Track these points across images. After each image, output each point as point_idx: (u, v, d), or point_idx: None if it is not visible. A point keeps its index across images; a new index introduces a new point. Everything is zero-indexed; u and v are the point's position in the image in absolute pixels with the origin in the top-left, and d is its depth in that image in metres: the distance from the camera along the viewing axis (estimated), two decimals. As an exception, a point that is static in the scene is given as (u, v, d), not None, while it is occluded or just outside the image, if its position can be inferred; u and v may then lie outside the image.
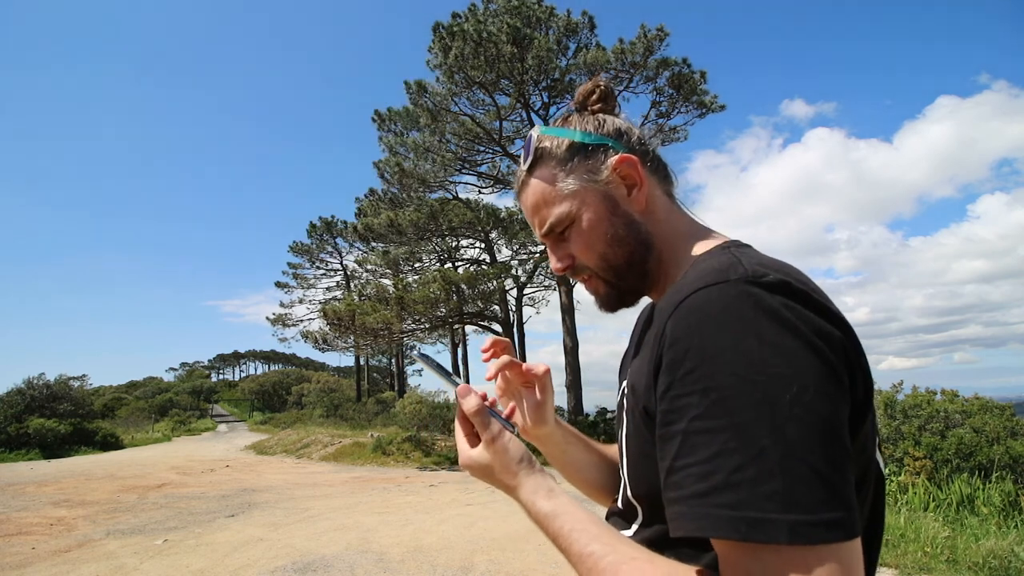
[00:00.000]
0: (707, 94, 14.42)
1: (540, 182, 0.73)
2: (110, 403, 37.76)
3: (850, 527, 0.46)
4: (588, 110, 0.77)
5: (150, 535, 6.23)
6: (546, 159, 0.73)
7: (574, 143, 0.72)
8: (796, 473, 0.46)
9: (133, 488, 10.11)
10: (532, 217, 0.76)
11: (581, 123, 0.74)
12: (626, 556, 0.55)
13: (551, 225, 0.73)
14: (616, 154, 0.71)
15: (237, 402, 51.28)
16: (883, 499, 0.64)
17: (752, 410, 0.48)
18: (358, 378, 34.50)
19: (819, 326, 0.52)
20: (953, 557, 4.24)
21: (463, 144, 15.82)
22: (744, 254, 0.61)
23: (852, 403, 0.53)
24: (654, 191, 0.73)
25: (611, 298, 0.75)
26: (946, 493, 6.09)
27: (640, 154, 0.73)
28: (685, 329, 0.54)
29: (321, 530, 6.26)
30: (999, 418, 7.30)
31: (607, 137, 0.73)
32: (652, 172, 0.74)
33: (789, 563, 0.45)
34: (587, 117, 0.76)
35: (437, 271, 16.25)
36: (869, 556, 0.60)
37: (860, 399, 0.54)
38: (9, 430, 19.30)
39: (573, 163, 0.72)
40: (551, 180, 0.73)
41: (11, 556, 5.42)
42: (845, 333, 0.54)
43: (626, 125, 0.76)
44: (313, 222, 32.06)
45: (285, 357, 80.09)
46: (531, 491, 0.64)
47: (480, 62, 12.90)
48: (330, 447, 16.55)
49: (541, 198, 0.73)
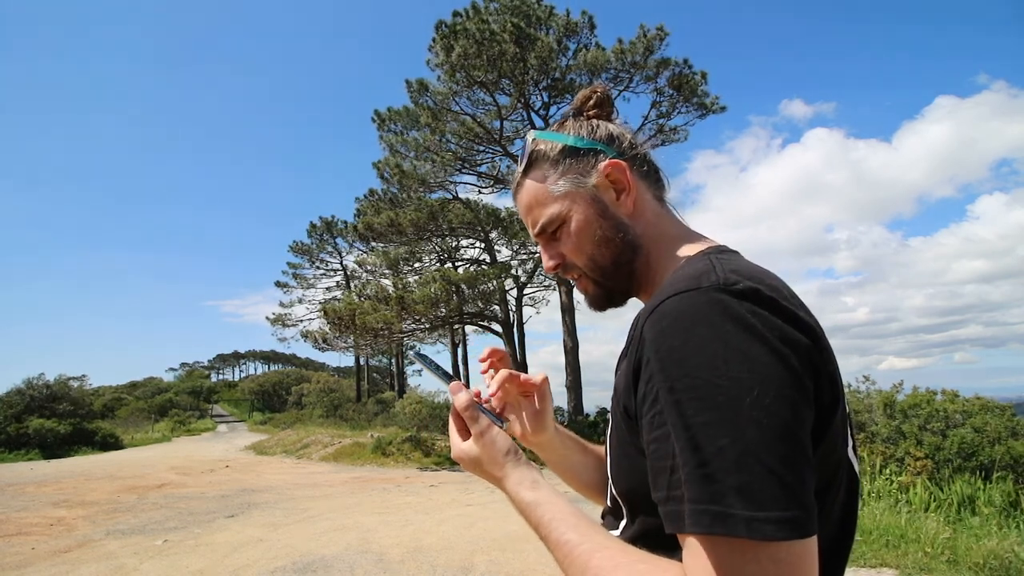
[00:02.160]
0: (707, 95, 14.42)
1: (533, 183, 0.76)
2: (110, 403, 37.76)
3: (804, 526, 0.47)
4: (584, 115, 0.79)
5: (150, 535, 6.22)
6: (540, 162, 0.76)
7: (567, 147, 0.75)
8: (753, 472, 0.48)
9: (133, 488, 10.11)
10: (526, 217, 0.79)
11: (575, 128, 0.77)
12: (599, 545, 0.57)
13: (543, 225, 0.76)
14: (607, 159, 0.73)
15: (237, 402, 51.30)
16: (856, 499, 0.65)
17: (713, 411, 0.51)
18: (358, 378, 34.49)
19: (785, 333, 0.54)
20: (954, 557, 4.24)
21: (463, 144, 15.81)
22: (721, 261, 0.62)
23: (818, 408, 0.55)
24: (644, 195, 0.75)
25: (599, 298, 0.78)
26: (947, 493, 6.08)
27: (631, 159, 0.75)
28: (657, 333, 0.57)
29: (321, 530, 6.25)
30: (1000, 418, 7.30)
31: (598, 142, 0.75)
32: (643, 177, 0.77)
33: (743, 556, 0.47)
34: (581, 122, 0.78)
35: (438, 271, 16.25)
36: (840, 554, 0.63)
37: (827, 404, 0.56)
38: (9, 430, 19.31)
39: (565, 166, 0.74)
40: (543, 182, 0.75)
41: (11, 556, 5.42)
42: (813, 340, 0.56)
43: (619, 130, 0.78)
44: (313, 222, 32.10)
45: (285, 357, 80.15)
46: (516, 482, 0.68)
47: (482, 61, 12.89)
48: (330, 447, 16.55)
49: (534, 199, 0.76)
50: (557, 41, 14.12)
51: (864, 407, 8.54)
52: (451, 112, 14.83)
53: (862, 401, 8.69)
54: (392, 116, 16.37)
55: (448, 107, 14.65)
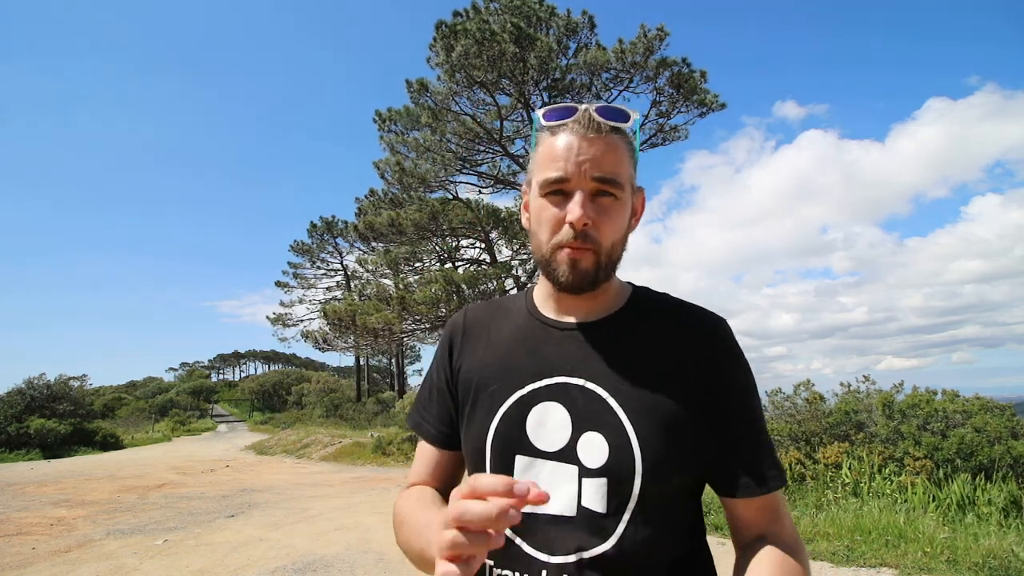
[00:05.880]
0: (707, 93, 14.41)
1: (625, 148, 0.79)
2: (110, 403, 37.74)
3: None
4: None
5: (150, 535, 6.23)
6: (629, 142, 0.80)
7: (634, 157, 0.82)
8: (775, 451, 0.84)
9: (133, 488, 10.11)
10: (599, 158, 0.75)
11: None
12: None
13: (613, 181, 0.76)
14: (640, 188, 0.85)
15: (237, 402, 51.28)
16: None
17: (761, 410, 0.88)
18: (358, 378, 34.49)
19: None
20: (953, 557, 4.24)
21: (463, 144, 15.81)
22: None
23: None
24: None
25: (589, 276, 0.77)
26: (946, 493, 6.08)
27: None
28: (734, 345, 0.86)
29: (321, 530, 6.26)
30: (1000, 418, 7.29)
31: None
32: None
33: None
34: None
35: (439, 271, 16.24)
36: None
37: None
38: (9, 430, 19.29)
39: (633, 166, 0.81)
40: (629, 158, 0.79)
41: (11, 556, 5.43)
42: None
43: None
44: (314, 222, 32.14)
45: (285, 357, 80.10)
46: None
47: (482, 61, 12.89)
48: (330, 447, 16.55)
49: (618, 157, 0.77)
50: (557, 41, 14.11)
51: (863, 407, 8.53)
52: (451, 112, 14.82)
53: (861, 401, 8.68)
54: (392, 116, 16.37)
55: (448, 107, 14.64)
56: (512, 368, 0.82)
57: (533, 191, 0.80)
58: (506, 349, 0.85)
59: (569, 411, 0.76)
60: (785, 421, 8.83)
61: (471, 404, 0.84)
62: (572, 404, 0.77)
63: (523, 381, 0.80)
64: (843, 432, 8.16)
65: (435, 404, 0.92)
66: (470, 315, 0.93)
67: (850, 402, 8.64)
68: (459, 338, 0.91)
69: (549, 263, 0.79)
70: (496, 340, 0.87)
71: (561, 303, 0.84)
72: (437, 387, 0.91)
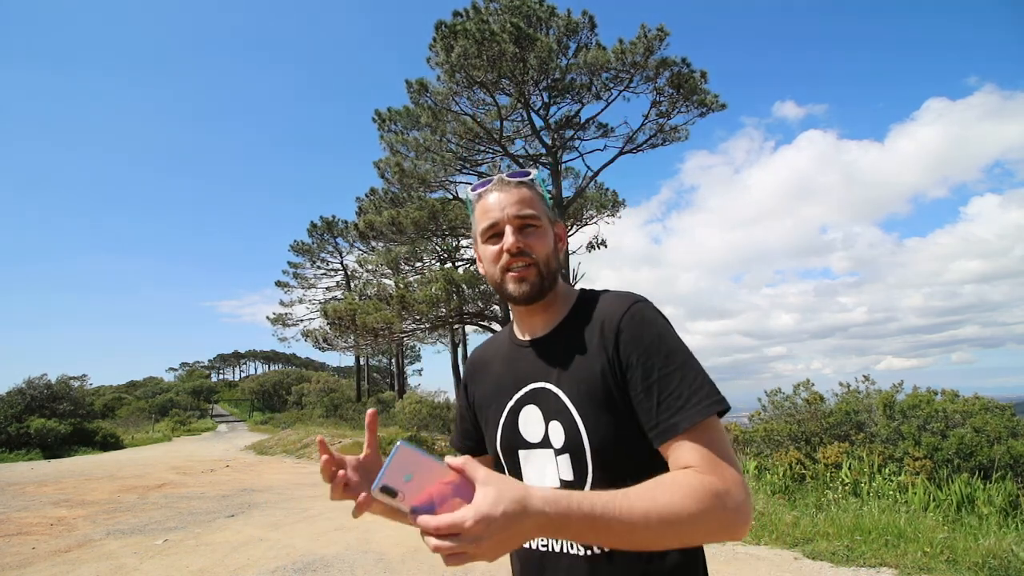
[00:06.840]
0: (708, 93, 14.39)
1: (534, 194, 1.06)
2: (110, 403, 37.76)
3: (726, 404, 0.88)
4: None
5: (150, 535, 6.23)
6: (536, 190, 1.07)
7: (545, 201, 1.09)
8: (712, 382, 0.92)
9: (133, 488, 10.11)
10: (515, 203, 1.02)
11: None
12: (639, 496, 0.76)
13: (530, 215, 1.02)
14: (558, 220, 1.10)
15: (237, 402, 51.27)
16: None
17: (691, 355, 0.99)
18: (358, 378, 34.47)
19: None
20: (953, 557, 4.24)
21: (463, 144, 15.80)
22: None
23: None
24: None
25: (536, 287, 1.00)
26: (946, 493, 6.08)
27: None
28: (643, 320, 0.98)
29: (321, 530, 6.26)
30: (1000, 418, 7.29)
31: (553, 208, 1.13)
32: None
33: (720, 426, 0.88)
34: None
35: (440, 271, 16.24)
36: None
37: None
38: (10, 430, 19.29)
39: (546, 204, 1.08)
40: (540, 200, 1.06)
41: (11, 556, 5.43)
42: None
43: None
44: (314, 221, 32.10)
45: (285, 357, 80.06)
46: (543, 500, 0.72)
47: (482, 61, 12.88)
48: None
49: (530, 199, 1.04)
50: (557, 41, 14.10)
51: (863, 407, 8.53)
52: (451, 112, 14.81)
53: (861, 401, 8.68)
54: (392, 116, 16.36)
55: (448, 107, 14.63)
56: (501, 388, 1.08)
57: (478, 243, 1.06)
58: (497, 375, 1.11)
59: (541, 409, 1.00)
60: (785, 421, 8.83)
61: (484, 422, 1.13)
62: (543, 403, 1.00)
63: (510, 394, 1.06)
64: (843, 432, 8.16)
65: (459, 426, 1.24)
66: (475, 358, 1.22)
67: (850, 402, 8.64)
68: (470, 378, 1.21)
69: (502, 286, 1.02)
70: (492, 371, 1.13)
71: (523, 322, 1.08)
72: (461, 414, 1.23)
